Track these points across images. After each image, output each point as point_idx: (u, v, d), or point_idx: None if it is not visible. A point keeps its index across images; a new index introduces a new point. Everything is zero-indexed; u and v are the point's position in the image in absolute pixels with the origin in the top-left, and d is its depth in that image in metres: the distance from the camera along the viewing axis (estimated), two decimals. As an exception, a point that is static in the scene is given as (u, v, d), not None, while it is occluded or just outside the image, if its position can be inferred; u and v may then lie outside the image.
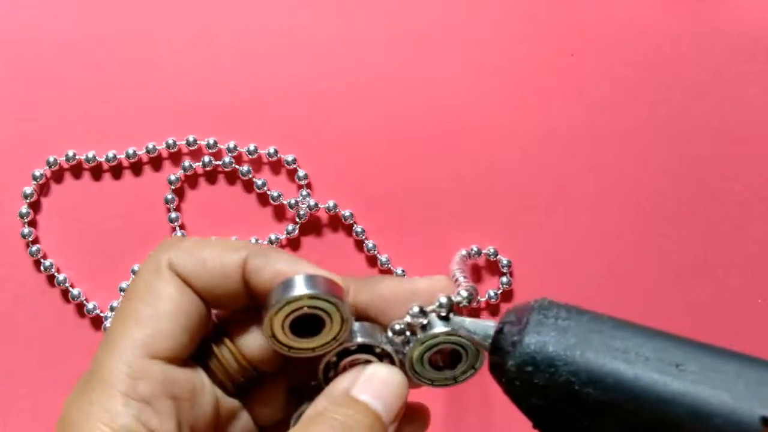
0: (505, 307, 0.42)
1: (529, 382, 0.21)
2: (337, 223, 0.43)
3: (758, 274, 0.42)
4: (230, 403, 0.27)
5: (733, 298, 0.42)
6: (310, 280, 0.25)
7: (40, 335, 0.42)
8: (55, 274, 0.42)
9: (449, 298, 0.25)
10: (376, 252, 0.42)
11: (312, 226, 0.43)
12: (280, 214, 0.43)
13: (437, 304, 0.26)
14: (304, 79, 0.43)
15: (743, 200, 0.42)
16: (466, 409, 0.42)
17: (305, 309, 0.24)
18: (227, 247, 0.26)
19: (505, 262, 0.42)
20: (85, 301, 0.42)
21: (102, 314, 0.42)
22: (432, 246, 0.42)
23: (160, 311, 0.25)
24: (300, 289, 0.24)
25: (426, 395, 0.29)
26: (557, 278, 0.42)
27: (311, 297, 0.24)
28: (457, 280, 0.32)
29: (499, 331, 0.23)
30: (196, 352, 0.26)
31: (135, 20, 0.43)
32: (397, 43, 0.43)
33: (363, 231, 0.42)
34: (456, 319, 0.25)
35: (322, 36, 0.43)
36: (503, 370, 0.22)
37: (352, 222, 0.42)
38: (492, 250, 0.42)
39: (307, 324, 0.25)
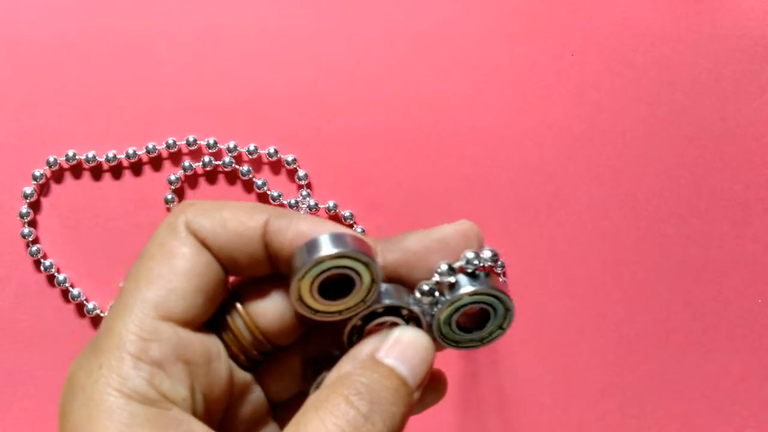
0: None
1: None
2: (337, 223, 0.43)
3: (758, 274, 0.42)
4: (243, 376, 0.26)
5: (733, 298, 0.42)
6: (338, 238, 0.23)
7: (40, 335, 0.42)
8: (55, 274, 0.42)
9: (476, 254, 0.24)
10: (376, 252, 0.42)
11: (312, 226, 0.43)
12: (280, 214, 0.43)
13: (464, 260, 0.24)
14: (304, 79, 0.43)
15: (743, 200, 0.42)
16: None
17: (333, 270, 0.23)
18: (248, 208, 0.25)
19: (499, 263, 0.42)
20: (85, 301, 0.42)
21: (102, 314, 0.42)
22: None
23: (173, 270, 0.23)
24: (327, 248, 0.23)
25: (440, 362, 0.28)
26: (558, 279, 0.42)
27: (341, 256, 0.23)
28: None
29: None
30: (210, 321, 0.25)
31: (135, 20, 0.43)
32: (397, 43, 0.43)
33: (363, 231, 0.42)
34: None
35: (322, 36, 0.43)
36: None
37: (352, 222, 0.42)
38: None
39: (333, 286, 0.24)
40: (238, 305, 0.25)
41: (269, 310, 0.25)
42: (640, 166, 0.43)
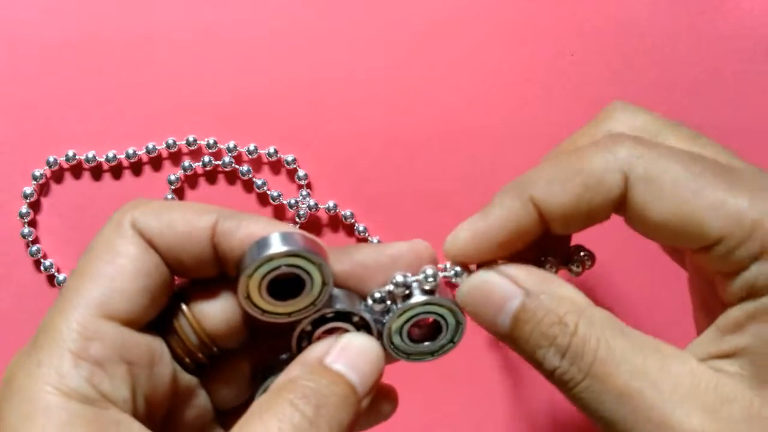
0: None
1: None
2: (337, 223, 0.43)
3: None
4: (188, 379, 0.25)
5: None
6: (288, 237, 0.23)
7: (40, 335, 0.42)
8: (55, 274, 0.42)
9: (435, 271, 0.24)
10: (376, 252, 0.42)
11: (312, 226, 0.43)
12: (280, 214, 0.43)
13: (423, 275, 0.24)
14: (304, 79, 0.43)
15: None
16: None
17: (283, 268, 0.23)
18: (197, 209, 0.24)
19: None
20: (85, 301, 0.42)
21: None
22: (432, 246, 0.42)
23: (118, 269, 0.23)
24: (277, 246, 0.23)
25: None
26: (557, 278, 0.42)
27: (292, 254, 0.23)
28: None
29: None
30: (154, 322, 0.24)
31: (135, 20, 0.43)
32: (397, 43, 0.43)
33: (365, 230, 0.42)
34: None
35: (322, 36, 0.43)
36: None
37: (353, 221, 0.42)
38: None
39: (283, 287, 0.24)
40: (183, 306, 0.25)
41: (215, 311, 0.25)
42: (640, 166, 0.42)
